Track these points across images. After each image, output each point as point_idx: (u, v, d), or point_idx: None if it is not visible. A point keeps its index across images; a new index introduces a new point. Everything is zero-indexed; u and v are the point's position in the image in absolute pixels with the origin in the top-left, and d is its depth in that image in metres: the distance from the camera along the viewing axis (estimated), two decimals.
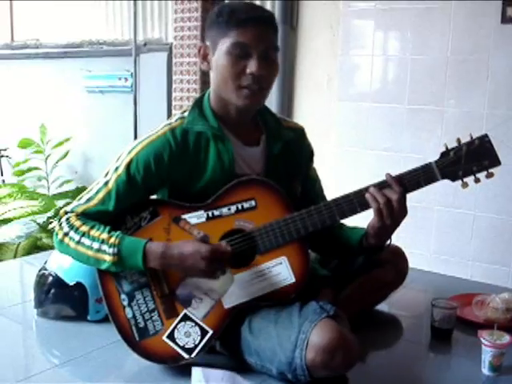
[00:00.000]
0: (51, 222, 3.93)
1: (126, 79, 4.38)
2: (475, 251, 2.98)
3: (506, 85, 2.85)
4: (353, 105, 3.33)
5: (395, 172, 1.62)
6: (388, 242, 1.73)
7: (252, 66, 1.58)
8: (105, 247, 1.56)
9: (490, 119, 2.89)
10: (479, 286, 2.45)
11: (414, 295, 2.33)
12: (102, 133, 4.69)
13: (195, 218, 1.62)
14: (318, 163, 1.98)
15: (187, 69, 3.01)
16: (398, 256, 2.02)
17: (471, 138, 1.57)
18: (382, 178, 1.61)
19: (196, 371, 1.53)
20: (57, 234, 1.64)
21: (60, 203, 4.23)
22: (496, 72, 2.87)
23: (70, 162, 4.91)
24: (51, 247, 3.14)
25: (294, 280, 1.58)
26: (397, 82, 3.19)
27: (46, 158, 4.89)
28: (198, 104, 1.70)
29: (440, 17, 3.01)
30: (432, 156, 1.62)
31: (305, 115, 3.51)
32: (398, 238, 1.94)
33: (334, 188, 3.14)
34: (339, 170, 3.33)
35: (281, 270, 1.59)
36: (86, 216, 1.63)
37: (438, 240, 3.09)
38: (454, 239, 3.04)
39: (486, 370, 1.67)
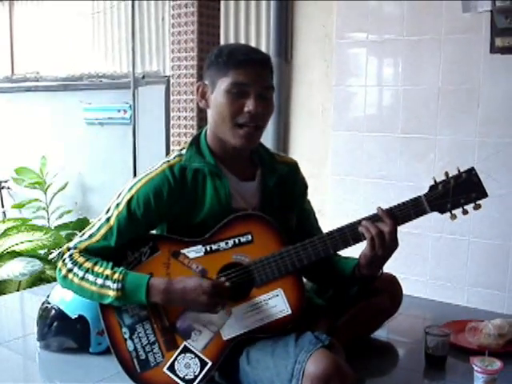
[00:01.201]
0: (51, 253, 3.97)
1: (125, 111, 4.45)
2: (471, 276, 3.01)
3: (496, 113, 2.91)
4: (347, 134, 3.38)
5: (389, 199, 1.68)
6: (380, 272, 1.78)
7: (250, 105, 1.65)
8: (109, 283, 1.61)
9: (481, 147, 2.94)
10: (474, 312, 2.47)
11: (410, 322, 2.35)
12: (102, 164, 4.74)
13: (194, 252, 1.67)
14: (314, 192, 2.03)
15: (184, 106, 3.09)
16: (392, 284, 2.05)
17: (458, 171, 1.62)
18: (378, 205, 1.67)
19: None
20: (60, 270, 1.69)
21: (62, 234, 4.27)
22: (486, 101, 2.93)
23: (70, 192, 4.95)
24: (54, 279, 3.17)
25: (290, 312, 1.62)
26: (390, 112, 3.25)
27: (46, 189, 4.94)
28: (195, 141, 1.77)
29: (430, 48, 3.08)
30: (425, 183, 1.67)
31: (300, 145, 3.58)
32: (394, 265, 1.98)
33: (330, 215, 3.21)
34: (335, 198, 3.38)
35: (277, 302, 1.63)
36: (89, 252, 1.69)
37: (434, 266, 3.12)
38: (450, 265, 3.07)
39: None
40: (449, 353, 1.94)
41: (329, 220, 1.78)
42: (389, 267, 2.08)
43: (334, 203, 3.36)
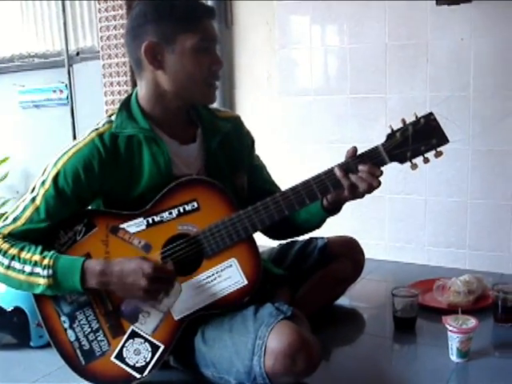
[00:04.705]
0: None
1: (61, 91, 4.24)
2: (430, 236, 2.96)
3: (446, 66, 2.84)
4: (296, 99, 3.27)
5: None
6: None
7: (217, 62, 1.55)
8: (38, 270, 1.45)
9: (433, 102, 2.87)
10: (438, 271, 2.45)
11: (374, 286, 2.30)
12: (42, 149, 4.51)
13: (134, 226, 1.52)
14: (267, 161, 1.94)
15: (116, 70, 2.88)
16: (353, 248, 2.01)
17: (416, 117, 1.52)
18: None
19: None
20: None
21: None
22: (435, 54, 2.85)
23: (11, 181, 4.73)
24: None
25: (246, 282, 1.50)
26: (337, 73, 3.15)
27: None
28: (126, 106, 1.59)
29: (375, 3, 2.98)
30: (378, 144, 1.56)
31: (247, 114, 3.43)
32: (352, 230, 1.89)
33: (284, 184, 3.08)
34: (289, 167, 3.26)
35: (231, 272, 1.50)
36: (14, 237, 1.51)
37: (392, 228, 3.06)
38: (408, 226, 3.01)
39: (454, 357, 1.64)
40: (418, 314, 1.87)
41: (283, 188, 1.67)
42: (346, 232, 2.00)
43: (287, 171, 3.24)
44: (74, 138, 4.05)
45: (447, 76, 2.84)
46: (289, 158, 3.30)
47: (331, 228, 1.81)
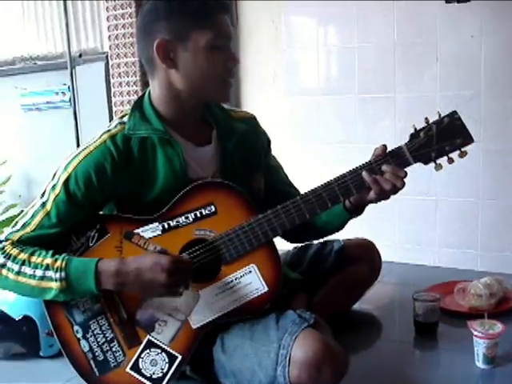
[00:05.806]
0: None
1: (64, 93, 4.19)
2: (440, 237, 2.93)
3: (455, 65, 2.80)
4: (302, 99, 3.23)
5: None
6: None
7: (233, 59, 1.50)
8: (50, 273, 1.39)
9: (442, 102, 2.83)
10: (452, 272, 2.40)
11: (390, 289, 2.26)
12: (44, 152, 4.47)
13: (149, 231, 1.47)
14: None
15: (125, 70, 2.82)
16: (370, 251, 1.97)
17: (439, 116, 1.47)
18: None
19: None
20: None
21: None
22: (445, 53, 2.82)
23: (13, 185, 4.68)
24: None
25: (266, 289, 1.44)
26: (345, 73, 3.11)
27: None
28: (139, 106, 1.54)
29: (383, 1, 2.94)
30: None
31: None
32: (360, 231, 1.85)
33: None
34: (296, 167, 3.20)
35: (251, 279, 1.45)
36: (24, 243, 1.46)
37: (403, 229, 3.03)
38: (418, 227, 2.98)
39: (480, 363, 1.59)
40: (440, 319, 1.82)
41: (295, 189, 1.63)
42: (355, 234, 1.95)
43: (295, 172, 3.20)
44: (78, 140, 4.00)
45: (456, 75, 2.80)
46: (295, 159, 3.25)
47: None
